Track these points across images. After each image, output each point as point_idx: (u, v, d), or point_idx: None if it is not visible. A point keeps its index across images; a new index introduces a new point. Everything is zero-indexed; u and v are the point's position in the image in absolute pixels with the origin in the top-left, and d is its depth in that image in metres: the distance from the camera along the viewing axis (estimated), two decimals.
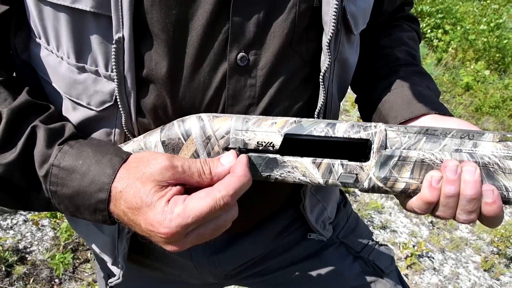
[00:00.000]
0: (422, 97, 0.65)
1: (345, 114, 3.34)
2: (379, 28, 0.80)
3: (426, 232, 2.52)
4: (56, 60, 0.56)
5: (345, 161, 0.53)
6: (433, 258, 2.37)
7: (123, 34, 0.50)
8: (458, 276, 2.29)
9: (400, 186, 0.53)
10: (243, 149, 0.53)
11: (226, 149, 0.54)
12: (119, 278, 0.73)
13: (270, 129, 0.53)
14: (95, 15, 0.50)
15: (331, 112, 0.64)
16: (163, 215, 0.45)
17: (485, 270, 2.36)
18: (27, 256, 1.83)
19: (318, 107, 0.60)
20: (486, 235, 2.59)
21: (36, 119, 0.54)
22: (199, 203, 0.46)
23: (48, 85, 0.59)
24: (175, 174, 0.48)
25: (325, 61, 0.57)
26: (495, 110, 3.84)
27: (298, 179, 0.54)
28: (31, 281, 1.72)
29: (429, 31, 4.61)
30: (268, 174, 0.54)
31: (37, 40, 0.57)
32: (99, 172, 0.50)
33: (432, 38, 4.59)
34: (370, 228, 2.45)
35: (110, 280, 0.77)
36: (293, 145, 0.54)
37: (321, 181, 0.54)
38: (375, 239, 0.92)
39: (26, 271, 1.75)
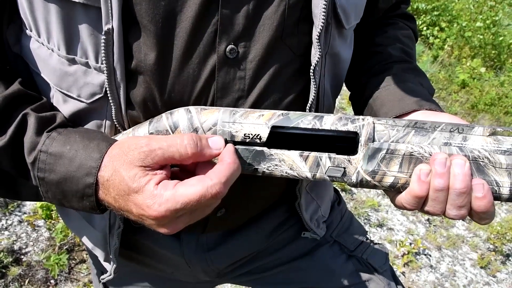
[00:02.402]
0: (413, 93, 0.64)
1: (341, 112, 3.34)
2: (374, 26, 0.80)
3: (422, 229, 2.53)
4: (47, 52, 0.56)
5: (332, 154, 0.53)
6: (430, 255, 2.37)
7: (112, 26, 0.50)
8: (455, 274, 2.29)
9: (389, 180, 0.52)
10: (230, 141, 0.53)
11: None
12: (110, 274, 0.73)
13: (257, 121, 0.52)
14: (85, 6, 0.50)
15: (323, 108, 0.63)
16: (152, 199, 0.46)
17: (481, 267, 2.37)
18: (22, 257, 1.82)
19: (309, 102, 0.60)
20: (483, 232, 2.60)
21: (28, 107, 0.54)
22: (189, 190, 0.46)
23: (39, 77, 0.59)
24: (154, 158, 0.48)
25: (315, 54, 0.57)
26: (490, 107, 3.84)
27: (286, 172, 0.54)
28: (26, 282, 1.72)
29: (425, 28, 4.62)
30: (255, 167, 0.54)
31: (28, 32, 0.56)
32: (86, 157, 0.50)
33: (428, 36, 4.60)
34: (367, 226, 2.45)
35: (102, 277, 0.77)
36: (281, 139, 0.54)
37: (309, 174, 0.53)
38: (369, 238, 0.92)
39: (22, 272, 1.75)
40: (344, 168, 0.53)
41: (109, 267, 0.73)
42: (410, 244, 2.38)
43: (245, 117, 0.53)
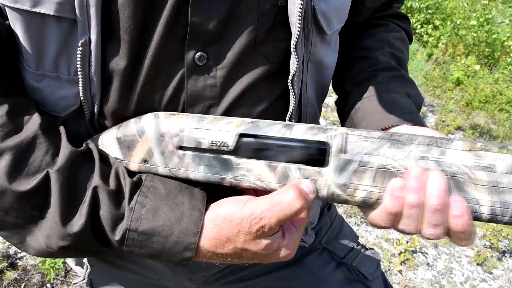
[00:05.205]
0: (396, 106, 0.62)
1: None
2: (363, 27, 0.77)
3: None
4: (22, 67, 0.54)
5: (302, 166, 0.50)
6: (426, 253, 2.38)
7: (89, 37, 0.49)
8: (451, 271, 2.30)
9: (361, 194, 0.49)
10: (196, 148, 0.51)
11: (180, 148, 0.52)
12: (84, 279, 0.72)
13: (224, 128, 0.51)
14: (57, 18, 0.49)
15: (307, 116, 0.62)
16: (285, 247, 0.52)
17: (478, 264, 2.38)
18: (18, 261, 1.81)
19: (289, 111, 0.58)
20: (478, 229, 2.61)
21: (86, 169, 0.51)
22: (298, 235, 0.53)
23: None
24: (273, 226, 0.50)
25: (293, 63, 0.55)
26: (485, 105, 3.85)
27: (253, 183, 0.51)
28: (22, 286, 1.71)
29: (419, 26, 4.62)
30: (222, 176, 0.52)
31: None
32: (183, 233, 0.50)
33: (422, 34, 4.60)
34: (363, 225, 2.46)
35: (74, 281, 0.76)
36: (251, 151, 0.52)
37: (277, 186, 0.51)
38: (360, 243, 0.90)
39: (17, 277, 1.74)
40: (314, 180, 0.50)
41: (81, 271, 0.72)
42: (407, 242, 2.39)
43: (213, 124, 0.51)
